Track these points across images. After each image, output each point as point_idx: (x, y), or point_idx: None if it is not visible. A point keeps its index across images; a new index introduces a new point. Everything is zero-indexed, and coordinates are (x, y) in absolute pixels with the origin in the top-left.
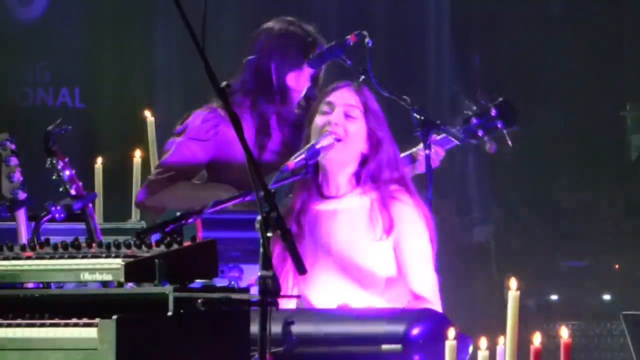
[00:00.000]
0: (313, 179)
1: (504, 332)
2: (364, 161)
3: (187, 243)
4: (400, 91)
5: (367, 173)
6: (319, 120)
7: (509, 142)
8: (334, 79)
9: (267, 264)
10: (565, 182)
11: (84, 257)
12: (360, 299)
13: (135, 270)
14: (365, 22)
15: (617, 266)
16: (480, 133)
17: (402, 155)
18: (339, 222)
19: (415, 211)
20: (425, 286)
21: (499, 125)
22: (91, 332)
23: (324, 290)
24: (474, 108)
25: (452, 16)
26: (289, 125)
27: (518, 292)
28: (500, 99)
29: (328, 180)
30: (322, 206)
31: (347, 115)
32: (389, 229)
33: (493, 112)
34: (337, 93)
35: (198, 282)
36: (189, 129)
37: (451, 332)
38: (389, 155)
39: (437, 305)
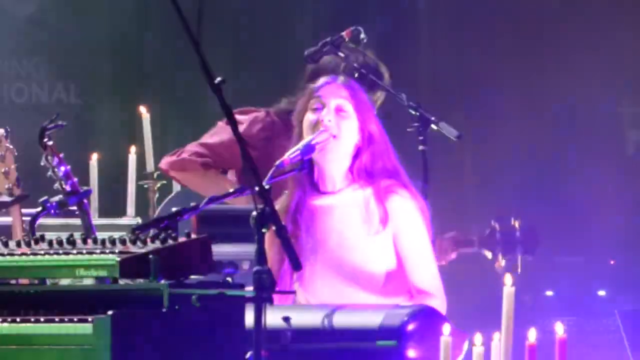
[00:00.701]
0: (308, 174)
1: (499, 328)
2: (357, 155)
3: (182, 239)
4: (394, 86)
5: (361, 166)
6: (310, 117)
7: (519, 270)
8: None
9: (261, 259)
10: (562, 178)
11: (79, 253)
12: (359, 294)
13: (130, 266)
14: (358, 17)
15: (612, 262)
16: (499, 251)
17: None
18: (336, 217)
19: (413, 204)
20: (428, 280)
21: (519, 253)
22: (86, 328)
23: (322, 285)
24: (500, 224)
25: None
26: None
27: (513, 288)
28: (528, 226)
29: (324, 176)
30: (319, 201)
31: (338, 111)
32: (384, 221)
33: (517, 237)
34: (326, 88)
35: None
36: (245, 125)
37: (446, 328)
38: (381, 147)
39: (441, 299)
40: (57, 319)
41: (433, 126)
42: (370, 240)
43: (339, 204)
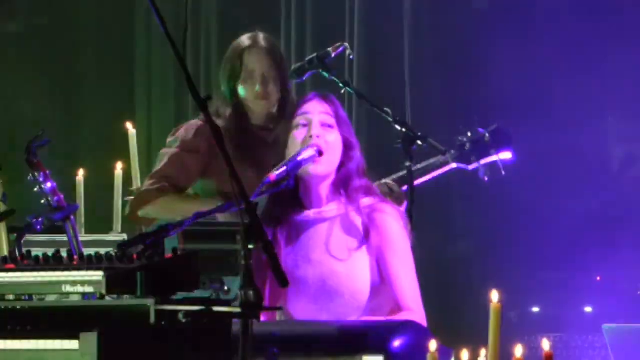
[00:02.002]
0: (291, 191)
1: (485, 344)
2: (340, 167)
3: (168, 255)
4: (380, 103)
5: (340, 180)
6: (297, 133)
7: (502, 172)
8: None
9: (248, 276)
10: (547, 193)
11: (65, 269)
12: (344, 309)
13: (117, 283)
14: (343, 34)
15: (598, 278)
16: (473, 159)
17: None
18: (320, 233)
19: (397, 221)
20: (411, 297)
21: (493, 152)
22: (73, 345)
23: (306, 301)
24: (469, 134)
25: (429, 26)
26: None
27: (500, 304)
28: (495, 126)
29: (310, 192)
30: (303, 217)
31: (324, 125)
32: (368, 238)
33: (487, 139)
34: (309, 105)
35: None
36: (181, 139)
37: (432, 344)
38: (359, 162)
39: (421, 315)
40: (44, 335)
41: (419, 142)
42: (355, 256)
43: (324, 219)
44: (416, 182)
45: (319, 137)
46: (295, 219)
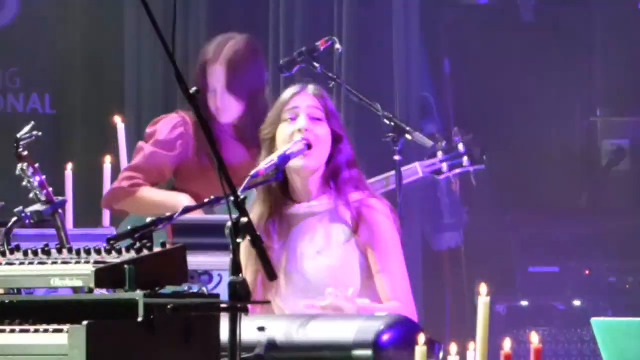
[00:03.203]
0: (281, 184)
1: (473, 338)
2: (329, 160)
3: (156, 249)
4: (369, 97)
5: (329, 172)
6: (285, 128)
7: (473, 182)
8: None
9: (236, 269)
10: (535, 188)
11: (53, 263)
12: (333, 303)
13: (105, 276)
14: (332, 27)
15: (587, 272)
16: (445, 169)
17: (373, 179)
18: (310, 226)
19: (388, 217)
20: (400, 290)
21: (464, 163)
22: (61, 338)
23: (296, 295)
24: (444, 143)
25: (421, 20)
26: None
27: (488, 298)
28: (470, 136)
29: (299, 185)
30: (293, 211)
31: (312, 118)
32: (357, 231)
33: (460, 149)
34: (297, 98)
35: (168, 288)
36: (157, 134)
37: (421, 338)
38: (347, 153)
39: (412, 311)
40: (32, 329)
41: (407, 136)
42: (344, 250)
43: (313, 213)
44: (384, 190)
45: (308, 130)
46: (284, 213)
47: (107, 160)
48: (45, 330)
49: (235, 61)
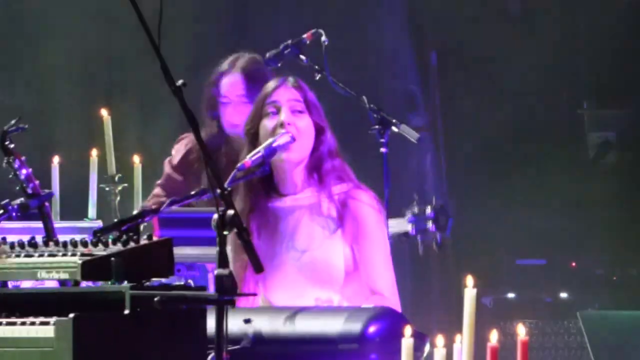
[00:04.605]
0: (266, 177)
1: (460, 330)
2: (312, 152)
3: (143, 241)
4: (356, 89)
5: (312, 164)
6: (267, 122)
7: (437, 245)
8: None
9: (223, 262)
10: (522, 180)
11: (40, 255)
12: (319, 295)
13: (92, 269)
14: (318, 20)
15: (574, 264)
16: (411, 230)
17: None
18: (296, 219)
19: (374, 209)
20: (385, 283)
21: (430, 228)
22: (48, 331)
23: (283, 287)
24: (415, 207)
25: (408, 12)
26: None
27: (475, 290)
28: (440, 204)
29: (285, 178)
30: (279, 204)
31: (294, 111)
32: (343, 223)
33: (428, 214)
34: (278, 92)
35: (155, 281)
36: (173, 158)
37: (408, 330)
38: (330, 144)
39: (396, 303)
40: (18, 322)
41: (394, 128)
42: (329, 243)
43: (299, 205)
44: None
45: (290, 124)
46: (270, 206)
47: (94, 153)
48: (32, 323)
49: (251, 70)
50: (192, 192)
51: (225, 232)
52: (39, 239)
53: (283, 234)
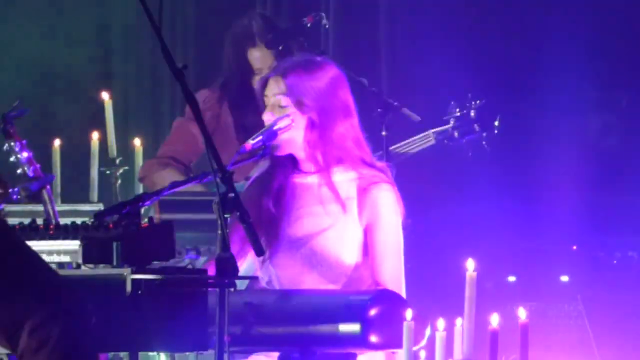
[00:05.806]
0: (288, 156)
1: (461, 314)
2: (319, 138)
3: (144, 225)
4: (356, 73)
5: (317, 150)
6: (264, 116)
7: (486, 146)
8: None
9: (224, 245)
10: (524, 164)
11: (41, 238)
12: (327, 275)
13: (93, 252)
14: (318, 3)
15: (575, 247)
16: (457, 135)
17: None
18: (314, 196)
19: (392, 199)
20: (391, 277)
21: (476, 129)
22: None
23: (291, 264)
24: (456, 110)
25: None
26: None
27: (475, 274)
28: (481, 102)
29: (300, 159)
30: (300, 180)
31: (279, 107)
32: (360, 207)
33: (472, 115)
34: (267, 85)
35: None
36: (187, 109)
37: (409, 313)
38: (333, 130)
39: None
40: None
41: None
42: (344, 222)
43: (318, 183)
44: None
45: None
46: (294, 182)
47: (95, 136)
48: None
49: (278, 42)
50: (193, 175)
51: (226, 215)
52: (40, 222)
53: (299, 210)
